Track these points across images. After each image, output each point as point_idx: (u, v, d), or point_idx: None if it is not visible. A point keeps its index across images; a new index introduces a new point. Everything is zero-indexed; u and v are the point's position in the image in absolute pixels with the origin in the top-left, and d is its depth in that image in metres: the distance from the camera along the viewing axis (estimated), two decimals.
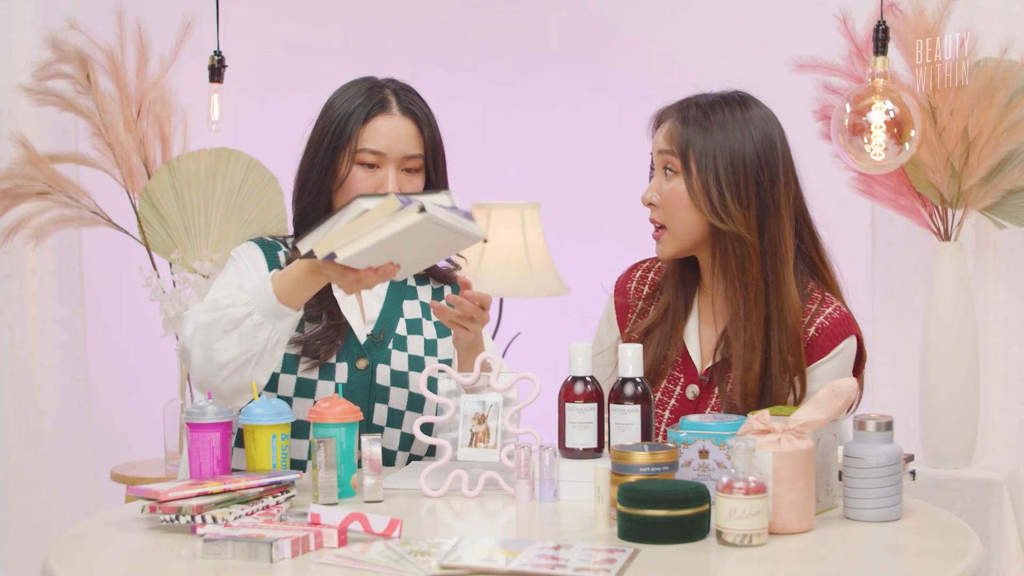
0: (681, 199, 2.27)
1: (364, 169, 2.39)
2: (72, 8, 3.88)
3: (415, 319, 2.48)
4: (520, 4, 4.65)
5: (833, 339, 2.27)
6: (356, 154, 2.39)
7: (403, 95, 2.44)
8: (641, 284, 2.45)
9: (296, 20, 4.66)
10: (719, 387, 2.30)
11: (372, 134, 2.39)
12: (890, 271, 3.70)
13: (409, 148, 2.41)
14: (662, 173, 2.30)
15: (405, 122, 2.41)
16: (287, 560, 1.74)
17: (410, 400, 2.40)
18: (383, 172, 2.39)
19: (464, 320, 2.29)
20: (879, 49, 3.17)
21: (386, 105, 2.41)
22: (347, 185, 2.39)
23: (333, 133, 2.40)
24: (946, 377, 3.40)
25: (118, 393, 4.47)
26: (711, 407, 2.31)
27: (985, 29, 3.47)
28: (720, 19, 4.36)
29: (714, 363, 2.32)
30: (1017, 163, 3.36)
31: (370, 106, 2.40)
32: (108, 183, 3.90)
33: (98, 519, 2.04)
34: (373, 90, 2.43)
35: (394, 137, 2.39)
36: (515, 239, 3.81)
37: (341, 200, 2.39)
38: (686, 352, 2.35)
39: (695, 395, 2.33)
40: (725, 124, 2.25)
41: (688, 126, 2.26)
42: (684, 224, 2.28)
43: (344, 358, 2.37)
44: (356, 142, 2.38)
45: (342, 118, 2.40)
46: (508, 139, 4.61)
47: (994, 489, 3.34)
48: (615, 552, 1.74)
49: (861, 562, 1.80)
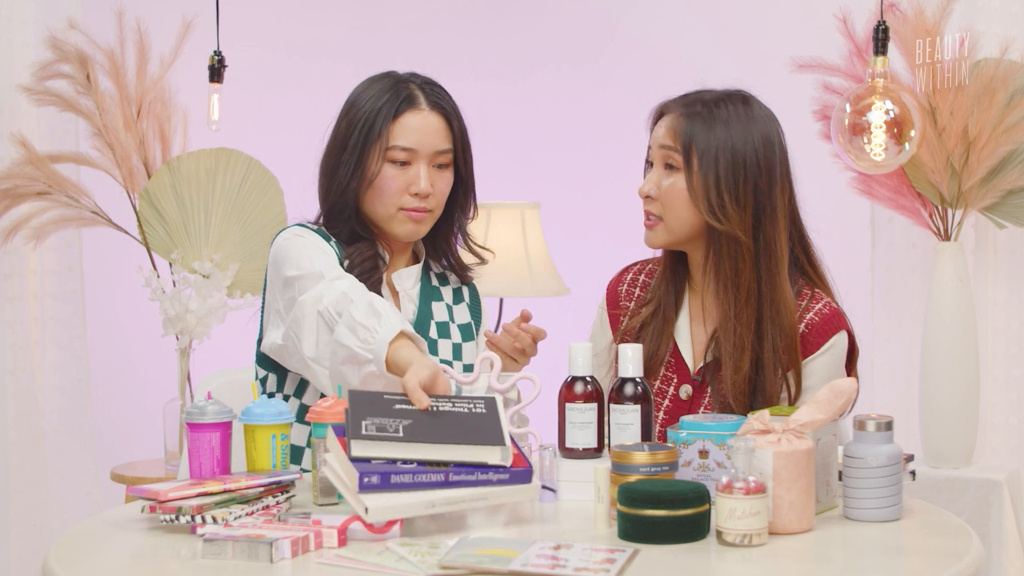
0: (680, 196, 2.28)
1: (395, 167, 2.37)
2: (72, 8, 3.88)
3: (443, 322, 2.48)
4: (520, 4, 4.65)
5: (823, 335, 2.28)
6: (387, 151, 2.37)
7: (429, 89, 2.43)
8: (632, 286, 2.47)
9: (296, 20, 4.66)
10: (711, 386, 2.30)
11: (402, 131, 2.37)
12: (890, 271, 3.70)
13: (439, 143, 2.40)
14: (662, 167, 2.31)
15: (434, 117, 2.40)
16: (287, 560, 1.74)
17: None
18: (414, 169, 2.38)
19: (516, 352, 2.31)
20: (879, 49, 3.17)
21: (415, 101, 2.40)
22: (377, 183, 2.37)
23: (361, 131, 2.37)
24: (946, 377, 3.40)
25: (118, 393, 4.47)
26: (704, 407, 2.31)
27: (985, 29, 3.47)
28: (720, 19, 4.36)
29: (705, 363, 2.32)
30: (1017, 163, 3.36)
31: (398, 102, 2.38)
32: (108, 183, 3.90)
33: (98, 519, 2.04)
34: (399, 86, 2.41)
35: (424, 133, 2.38)
36: (515, 239, 3.81)
37: (371, 199, 2.38)
38: (678, 351, 2.36)
39: (688, 395, 2.33)
40: (728, 123, 2.26)
41: (692, 123, 2.26)
42: (680, 220, 2.29)
43: None
44: (386, 139, 2.36)
45: (370, 115, 2.38)
46: (508, 139, 4.61)
47: (994, 489, 3.34)
48: (615, 552, 1.74)
49: (861, 562, 1.80)
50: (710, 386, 2.31)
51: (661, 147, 2.30)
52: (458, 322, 2.50)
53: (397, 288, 2.46)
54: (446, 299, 2.51)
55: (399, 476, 1.84)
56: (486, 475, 1.89)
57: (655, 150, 2.32)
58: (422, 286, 2.48)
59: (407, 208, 2.38)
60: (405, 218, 2.39)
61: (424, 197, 2.38)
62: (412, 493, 1.84)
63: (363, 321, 2.13)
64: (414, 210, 2.38)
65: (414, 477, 1.85)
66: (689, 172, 2.26)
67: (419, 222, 2.40)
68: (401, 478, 1.84)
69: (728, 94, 2.31)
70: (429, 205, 2.40)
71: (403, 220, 2.39)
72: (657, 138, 2.31)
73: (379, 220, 2.41)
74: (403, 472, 1.85)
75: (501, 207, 3.82)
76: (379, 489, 1.83)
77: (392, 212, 2.39)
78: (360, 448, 1.87)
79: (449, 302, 2.51)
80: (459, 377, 2.19)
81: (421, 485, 1.85)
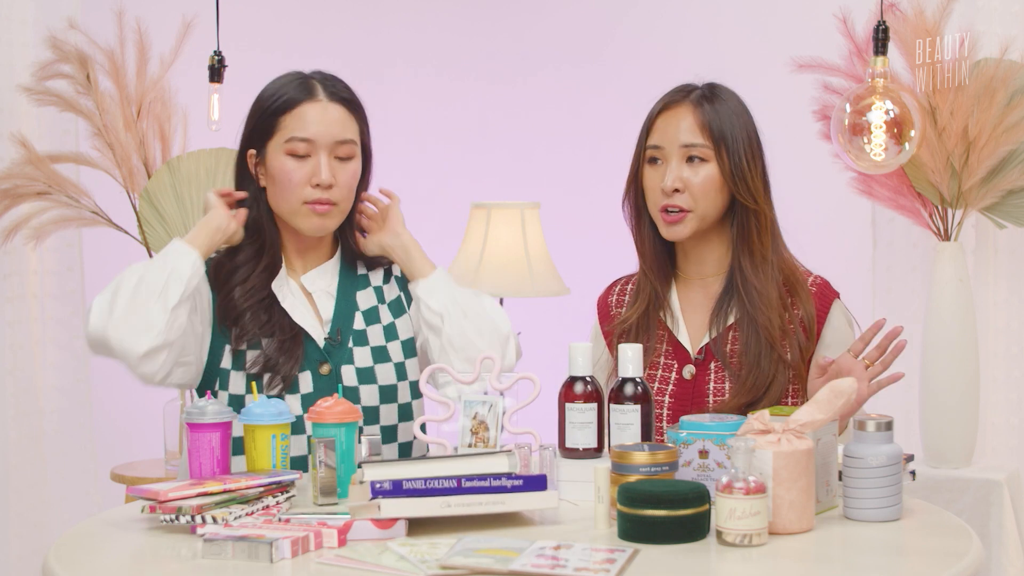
0: (713, 184, 2.37)
1: (295, 159, 2.34)
2: (72, 8, 3.88)
3: (371, 308, 2.44)
4: (520, 4, 4.65)
5: (822, 307, 2.39)
6: (285, 144, 2.34)
7: (329, 83, 2.40)
8: (621, 295, 2.52)
9: (296, 20, 4.66)
10: (719, 357, 2.35)
11: (299, 122, 2.35)
12: (890, 271, 3.70)
13: (338, 133, 2.36)
14: (682, 162, 2.37)
15: (333, 106, 2.37)
16: (287, 560, 1.74)
17: (382, 393, 2.38)
18: (314, 160, 2.34)
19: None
20: (879, 49, 3.17)
21: (312, 91, 2.37)
22: (279, 177, 2.35)
23: (259, 127, 2.37)
24: (946, 377, 3.40)
25: (118, 393, 4.45)
26: (713, 379, 2.34)
27: (985, 29, 3.47)
28: (720, 19, 4.36)
29: (708, 340, 2.38)
30: (1017, 163, 3.36)
31: (296, 94, 2.36)
32: (108, 183, 3.90)
33: (98, 519, 2.04)
34: (299, 80, 2.39)
35: (322, 123, 2.35)
36: (515, 239, 3.81)
37: (275, 195, 2.37)
38: (674, 339, 2.41)
39: (692, 374, 2.38)
40: (731, 107, 2.39)
41: (712, 115, 2.36)
42: (713, 207, 2.38)
43: (306, 367, 2.34)
44: (284, 132, 2.34)
45: (268, 109, 2.37)
46: (508, 139, 4.61)
47: (994, 489, 3.34)
48: (615, 552, 1.74)
49: (861, 562, 1.80)
50: (717, 358, 2.36)
51: (685, 146, 2.36)
52: (388, 299, 2.46)
53: (310, 290, 2.42)
54: (374, 282, 2.47)
55: (411, 483, 1.86)
56: (499, 481, 1.89)
57: (674, 149, 2.37)
58: (341, 277, 2.44)
59: (310, 201, 2.35)
60: (309, 212, 2.35)
61: (326, 188, 2.34)
62: (426, 498, 1.85)
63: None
64: (317, 202, 2.34)
65: (426, 483, 1.86)
66: (721, 160, 2.35)
67: (324, 215, 2.36)
68: (413, 484, 1.86)
69: (714, 86, 2.43)
70: (333, 197, 2.35)
71: (307, 214, 2.36)
72: (674, 139, 2.37)
73: (285, 216, 2.39)
74: (415, 479, 1.86)
75: (501, 207, 3.82)
76: (392, 496, 1.84)
77: (296, 207, 2.36)
78: (371, 471, 1.90)
79: (378, 283, 2.48)
80: (459, 377, 2.19)
81: (434, 491, 1.86)
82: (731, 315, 2.38)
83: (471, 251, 3.78)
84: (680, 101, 2.39)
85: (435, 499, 1.85)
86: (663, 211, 2.37)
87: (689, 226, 2.37)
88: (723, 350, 2.36)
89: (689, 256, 2.44)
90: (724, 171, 2.35)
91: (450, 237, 3.93)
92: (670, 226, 2.38)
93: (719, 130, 2.36)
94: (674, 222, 2.37)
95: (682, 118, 2.37)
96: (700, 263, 2.44)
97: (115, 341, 2.23)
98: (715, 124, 2.35)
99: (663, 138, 2.38)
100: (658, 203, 2.38)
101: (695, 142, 2.36)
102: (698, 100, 2.38)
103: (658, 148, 2.39)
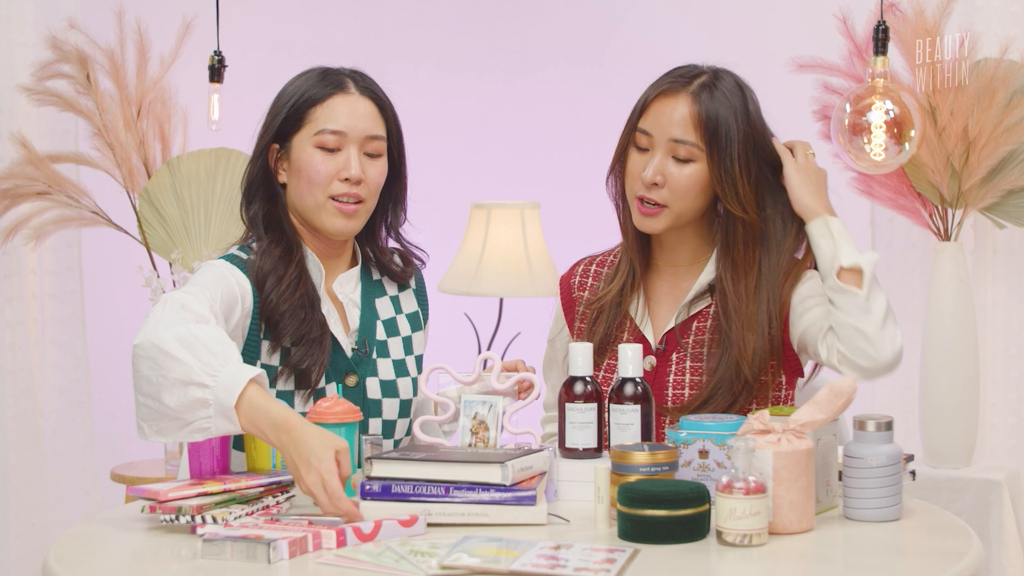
0: (695, 185, 2.28)
1: (324, 152, 2.26)
2: (72, 8, 3.88)
3: (390, 318, 2.39)
4: (520, 4, 4.65)
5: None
6: (315, 136, 2.26)
7: (360, 77, 2.34)
8: (584, 277, 2.46)
9: (296, 20, 4.66)
10: (680, 347, 2.30)
11: (331, 114, 2.27)
12: (890, 271, 3.70)
13: (370, 128, 2.29)
14: (666, 156, 2.28)
15: (364, 101, 2.30)
16: (285, 561, 1.73)
17: (401, 408, 2.36)
18: (344, 153, 2.26)
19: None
20: (879, 49, 3.17)
21: (343, 85, 2.30)
22: (306, 171, 2.26)
23: (286, 120, 2.28)
24: (946, 377, 3.40)
25: (118, 393, 4.45)
26: (673, 371, 2.31)
27: (985, 29, 3.47)
28: (720, 19, 4.36)
29: (668, 331, 2.33)
30: (1017, 163, 3.36)
31: (327, 87, 2.29)
32: (108, 183, 3.90)
33: (98, 519, 2.04)
34: (327, 74, 2.32)
35: (354, 116, 2.27)
36: (515, 239, 3.81)
37: (300, 190, 2.27)
38: (636, 329, 2.36)
39: (652, 365, 2.33)
40: (734, 109, 2.27)
41: (712, 113, 2.25)
42: (692, 207, 2.30)
43: (332, 377, 2.28)
44: (315, 123, 2.26)
45: (296, 101, 2.28)
46: (508, 139, 4.61)
47: (994, 489, 3.34)
48: (615, 552, 1.74)
49: (861, 562, 1.80)
50: (678, 347, 2.31)
51: (673, 140, 2.26)
52: (406, 311, 2.42)
53: (340, 298, 2.35)
54: (390, 291, 2.41)
55: (400, 487, 1.92)
56: (487, 493, 1.89)
57: (663, 142, 2.27)
58: (363, 286, 2.38)
59: (337, 196, 2.26)
60: (335, 210, 2.27)
61: (355, 183, 2.26)
62: (410, 504, 1.91)
63: (209, 344, 1.96)
64: (345, 195, 2.26)
65: (415, 488, 1.91)
66: (711, 161, 2.26)
67: (350, 216, 2.28)
68: (401, 488, 1.92)
69: (718, 71, 2.32)
70: (361, 193, 2.27)
71: (333, 212, 2.27)
72: (665, 131, 2.27)
73: (308, 213, 2.29)
74: (404, 483, 1.92)
75: (501, 207, 3.82)
76: (379, 498, 1.91)
77: (322, 201, 2.26)
78: (380, 467, 1.94)
79: (394, 292, 2.42)
80: (459, 377, 2.19)
81: (421, 496, 1.91)
82: (699, 306, 2.32)
83: (471, 251, 3.78)
84: (679, 89, 2.28)
85: (418, 506, 1.90)
86: (639, 200, 2.29)
87: (662, 221, 2.29)
88: (684, 341, 2.30)
89: (663, 245, 2.37)
90: (712, 173, 2.26)
91: (450, 237, 3.93)
92: (644, 218, 2.30)
93: (713, 129, 2.24)
94: (648, 215, 2.29)
95: (677, 108, 2.27)
96: (672, 252, 2.37)
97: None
98: (710, 122, 2.24)
99: (654, 125, 2.28)
100: (636, 191, 2.30)
101: (685, 139, 2.26)
102: (698, 91, 2.27)
103: (647, 135, 2.29)
